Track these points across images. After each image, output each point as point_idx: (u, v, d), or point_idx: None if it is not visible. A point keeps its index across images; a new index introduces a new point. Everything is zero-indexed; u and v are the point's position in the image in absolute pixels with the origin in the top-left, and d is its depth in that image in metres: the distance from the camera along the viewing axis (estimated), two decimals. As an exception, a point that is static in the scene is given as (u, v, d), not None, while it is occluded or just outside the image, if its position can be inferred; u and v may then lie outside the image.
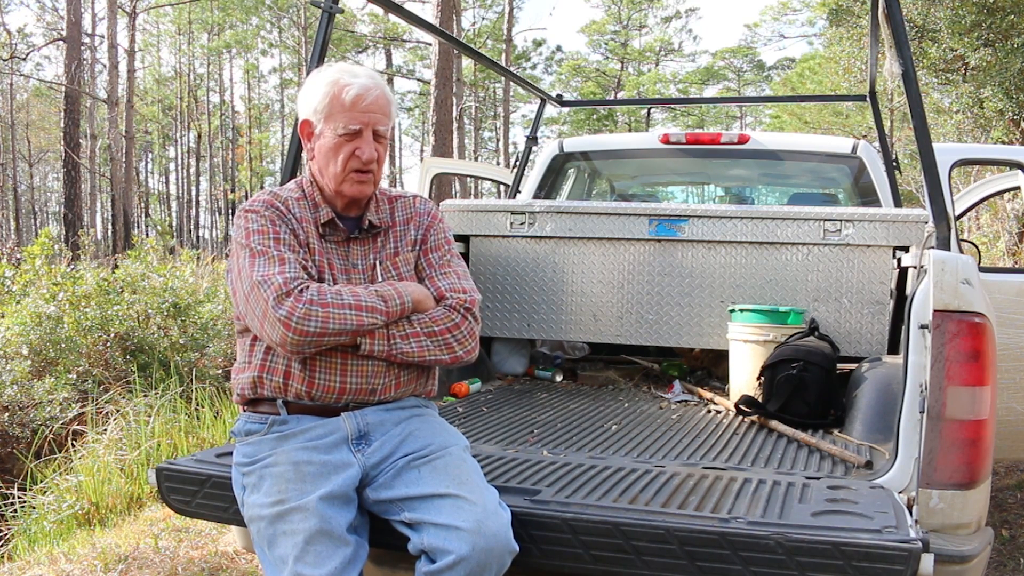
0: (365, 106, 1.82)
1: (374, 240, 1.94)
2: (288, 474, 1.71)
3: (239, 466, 1.82)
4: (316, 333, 1.69)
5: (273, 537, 1.67)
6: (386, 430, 1.82)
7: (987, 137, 12.01)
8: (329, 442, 1.77)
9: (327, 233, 1.89)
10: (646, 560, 1.60)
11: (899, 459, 1.91)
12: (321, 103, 1.84)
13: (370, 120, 1.83)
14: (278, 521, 1.67)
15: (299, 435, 1.78)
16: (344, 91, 1.82)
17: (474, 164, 16.94)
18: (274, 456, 1.76)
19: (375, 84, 1.85)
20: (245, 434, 1.85)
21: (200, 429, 5.07)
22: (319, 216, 1.88)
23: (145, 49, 35.55)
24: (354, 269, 1.89)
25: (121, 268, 7.18)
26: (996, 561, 3.38)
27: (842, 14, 14.38)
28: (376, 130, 1.84)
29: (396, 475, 1.75)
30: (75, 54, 17.15)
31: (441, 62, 10.98)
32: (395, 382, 1.86)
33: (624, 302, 3.04)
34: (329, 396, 1.81)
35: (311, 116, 1.87)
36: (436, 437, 1.83)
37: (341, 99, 1.81)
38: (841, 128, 22.05)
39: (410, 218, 2.00)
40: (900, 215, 2.77)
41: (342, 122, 1.82)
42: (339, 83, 1.83)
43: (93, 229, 27.97)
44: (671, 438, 2.36)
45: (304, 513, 1.65)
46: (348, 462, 1.76)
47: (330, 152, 1.84)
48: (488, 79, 33.21)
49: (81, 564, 3.22)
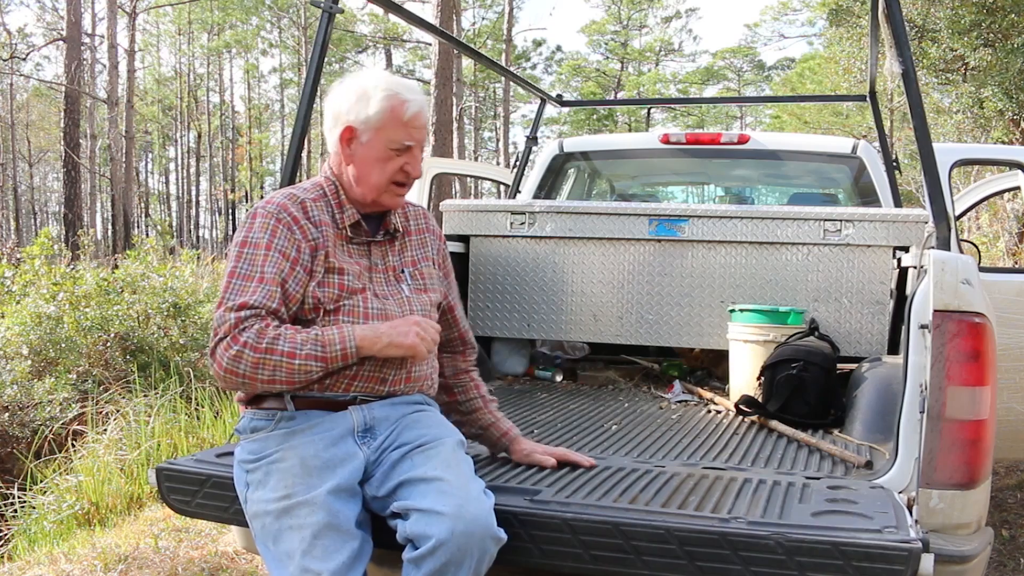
0: (420, 124, 1.86)
1: (392, 243, 1.97)
2: (295, 469, 1.72)
3: (243, 463, 1.81)
4: (246, 376, 1.68)
5: (279, 532, 1.67)
6: (390, 423, 1.84)
7: (987, 137, 12.02)
8: (335, 435, 1.78)
9: (353, 235, 1.90)
10: (646, 560, 1.60)
11: (899, 459, 1.91)
12: (376, 115, 1.83)
13: (420, 137, 1.87)
14: (284, 516, 1.67)
15: (306, 431, 1.78)
16: (405, 107, 1.83)
17: (474, 164, 16.93)
18: (280, 452, 1.76)
19: (424, 100, 1.89)
20: (251, 431, 1.84)
21: (200, 429, 5.07)
22: (345, 217, 1.89)
23: (145, 49, 35.55)
24: (375, 268, 1.91)
25: (121, 268, 7.19)
26: (996, 561, 3.38)
27: (842, 14, 14.38)
28: (422, 146, 1.90)
29: (392, 467, 1.76)
30: (75, 54, 17.15)
31: (441, 62, 10.98)
32: (407, 375, 1.88)
33: (624, 302, 3.04)
34: (339, 385, 1.81)
35: (358, 124, 1.84)
36: (431, 429, 1.84)
37: (400, 114, 1.83)
38: (841, 128, 22.06)
39: (423, 230, 2.05)
40: (900, 215, 2.77)
41: (397, 137, 1.83)
42: (398, 97, 1.83)
43: (93, 229, 27.94)
44: (671, 438, 2.36)
45: (311, 507, 1.66)
46: (353, 454, 1.77)
47: (377, 162, 1.84)
48: (488, 79, 33.21)
49: (81, 564, 3.22)
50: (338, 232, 1.87)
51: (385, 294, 1.89)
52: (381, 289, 1.89)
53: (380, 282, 1.90)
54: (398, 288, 1.92)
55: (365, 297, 1.84)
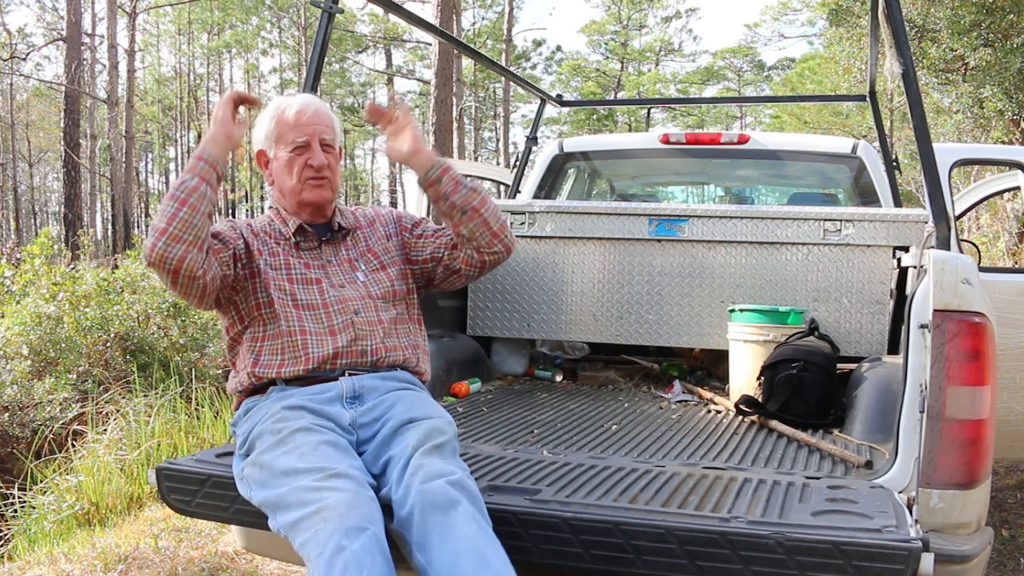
0: (307, 120, 2.01)
1: (344, 240, 2.11)
2: (287, 415, 1.78)
3: (239, 448, 1.85)
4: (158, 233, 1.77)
5: (273, 461, 1.67)
6: (379, 394, 1.91)
7: (987, 137, 12.01)
8: (324, 398, 1.86)
9: (299, 240, 2.05)
10: (646, 560, 1.60)
11: (899, 459, 1.91)
12: (268, 128, 2.04)
13: (315, 131, 2.01)
14: (278, 447, 1.69)
15: (297, 394, 1.87)
16: (285, 111, 2.02)
17: (474, 164, 16.92)
18: (271, 412, 1.81)
19: (312, 101, 2.05)
20: (244, 413, 1.92)
21: (200, 429, 5.07)
22: (289, 228, 2.05)
23: (145, 49, 35.54)
24: (329, 265, 2.06)
25: (121, 268, 7.19)
26: (996, 561, 3.38)
27: (842, 14, 14.37)
28: (322, 139, 2.02)
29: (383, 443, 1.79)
30: (75, 54, 17.15)
31: (441, 62, 10.98)
32: (383, 345, 1.99)
33: (624, 302, 3.04)
34: (324, 364, 1.92)
35: (263, 145, 2.06)
36: (423, 409, 1.87)
37: (285, 118, 2.01)
38: (841, 128, 22.05)
39: (373, 220, 2.19)
40: (900, 215, 2.77)
41: (290, 137, 2.00)
42: (279, 107, 2.04)
43: (93, 229, 27.97)
44: (671, 438, 2.36)
45: (306, 431, 1.71)
46: (340, 414, 1.84)
47: (285, 168, 2.02)
48: (488, 79, 33.20)
49: (81, 564, 3.22)
50: (287, 241, 2.04)
51: (342, 283, 2.04)
52: (338, 279, 2.04)
53: (336, 274, 2.05)
54: (353, 276, 2.06)
55: (321, 288, 2.00)
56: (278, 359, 1.93)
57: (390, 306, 2.07)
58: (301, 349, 1.92)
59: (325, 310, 1.97)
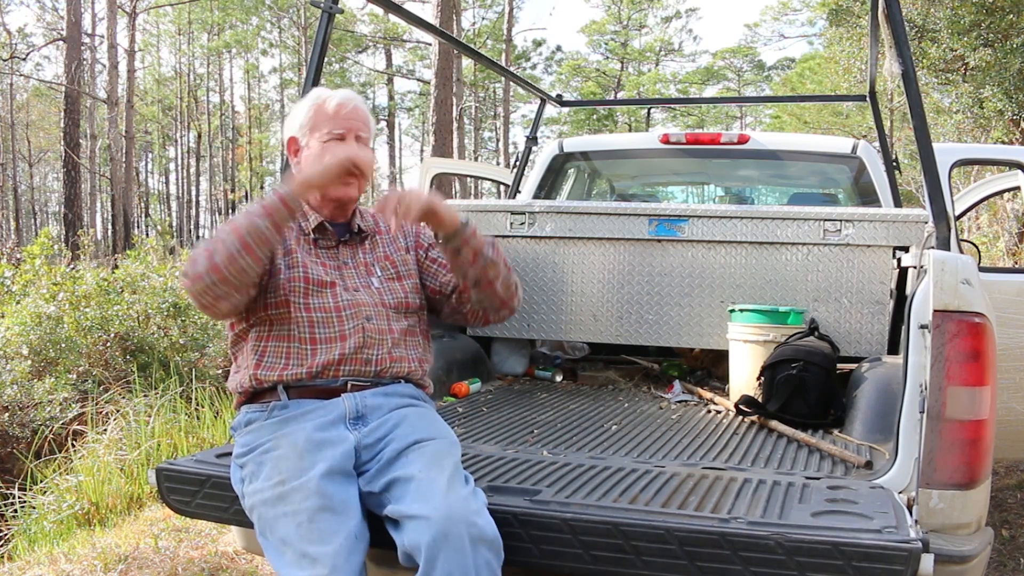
0: (346, 114, 1.97)
1: (362, 243, 2.08)
2: (287, 455, 1.74)
3: (238, 457, 1.84)
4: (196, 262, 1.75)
5: (274, 520, 1.67)
6: (382, 413, 1.89)
7: (987, 137, 12.01)
8: (327, 421, 1.83)
9: (318, 238, 2.01)
10: (646, 560, 1.60)
11: (899, 459, 1.91)
12: (305, 117, 1.99)
13: (352, 126, 1.97)
14: (279, 503, 1.68)
15: (299, 417, 1.83)
16: (326, 102, 1.98)
17: (474, 164, 16.95)
18: (273, 440, 1.79)
19: (353, 96, 2.02)
20: (245, 424, 1.89)
21: (200, 429, 5.07)
22: (309, 223, 2.01)
23: (145, 49, 35.53)
24: (345, 267, 2.02)
25: (121, 268, 7.19)
26: (996, 561, 3.38)
27: (842, 14, 14.37)
28: (359, 135, 1.98)
29: (387, 464, 1.76)
30: (75, 54, 17.15)
31: (441, 62, 10.98)
32: (389, 355, 1.95)
33: (624, 302, 3.04)
34: (328, 370, 1.89)
35: (296, 133, 2.02)
36: (428, 428, 1.86)
37: (324, 109, 1.97)
38: (841, 128, 22.06)
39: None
40: (900, 215, 2.77)
41: (327, 128, 1.96)
42: (320, 97, 2.00)
43: (93, 229, 27.95)
44: (671, 438, 2.36)
45: (304, 492, 1.66)
46: (344, 437, 1.80)
47: (318, 160, 1.93)
48: (488, 79, 33.20)
49: (81, 564, 3.22)
50: (305, 237, 2.00)
51: (356, 287, 1.99)
52: (352, 283, 2.00)
53: (351, 277, 2.01)
54: (368, 281, 2.02)
55: (335, 292, 1.95)
56: (282, 362, 1.90)
57: (402, 317, 2.03)
58: (308, 354, 1.89)
59: (337, 314, 1.93)
